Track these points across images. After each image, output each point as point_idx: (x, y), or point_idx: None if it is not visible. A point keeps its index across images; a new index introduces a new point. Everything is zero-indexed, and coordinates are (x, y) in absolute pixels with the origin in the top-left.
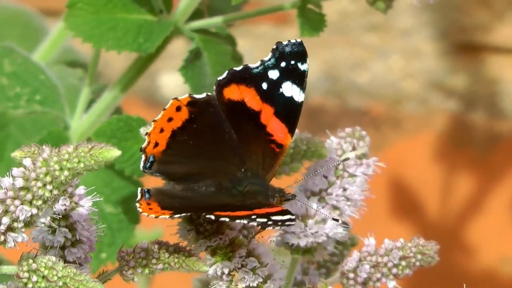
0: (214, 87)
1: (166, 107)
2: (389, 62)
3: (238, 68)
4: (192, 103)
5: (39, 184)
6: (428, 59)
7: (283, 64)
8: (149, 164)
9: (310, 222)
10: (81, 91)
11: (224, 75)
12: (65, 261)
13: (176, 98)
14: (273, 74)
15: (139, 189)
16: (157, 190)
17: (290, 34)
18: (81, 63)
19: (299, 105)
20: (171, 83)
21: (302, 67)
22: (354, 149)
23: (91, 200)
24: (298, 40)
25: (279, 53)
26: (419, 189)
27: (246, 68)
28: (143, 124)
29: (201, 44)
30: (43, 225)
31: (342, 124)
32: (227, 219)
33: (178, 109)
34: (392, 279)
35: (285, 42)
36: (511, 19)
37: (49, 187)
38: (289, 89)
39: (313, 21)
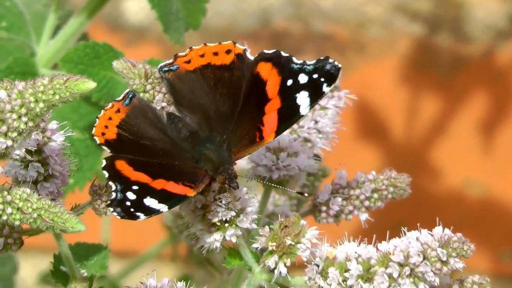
0: (257, 54)
1: (223, 43)
2: None
3: (285, 54)
4: (240, 57)
5: (14, 116)
6: None
7: (315, 75)
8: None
9: (282, 155)
10: (47, 17)
11: (271, 51)
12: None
13: (234, 42)
14: (302, 78)
15: (126, 91)
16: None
17: None
18: None
19: (299, 117)
20: (135, 7)
21: (325, 88)
22: None
23: (63, 134)
24: (340, 65)
25: (320, 65)
26: (384, 113)
27: (289, 59)
28: (110, 51)
29: None
30: (17, 157)
31: (306, 48)
32: (118, 187)
33: (228, 52)
34: (364, 211)
35: (331, 60)
36: None
37: (24, 119)
38: (303, 98)
39: None
